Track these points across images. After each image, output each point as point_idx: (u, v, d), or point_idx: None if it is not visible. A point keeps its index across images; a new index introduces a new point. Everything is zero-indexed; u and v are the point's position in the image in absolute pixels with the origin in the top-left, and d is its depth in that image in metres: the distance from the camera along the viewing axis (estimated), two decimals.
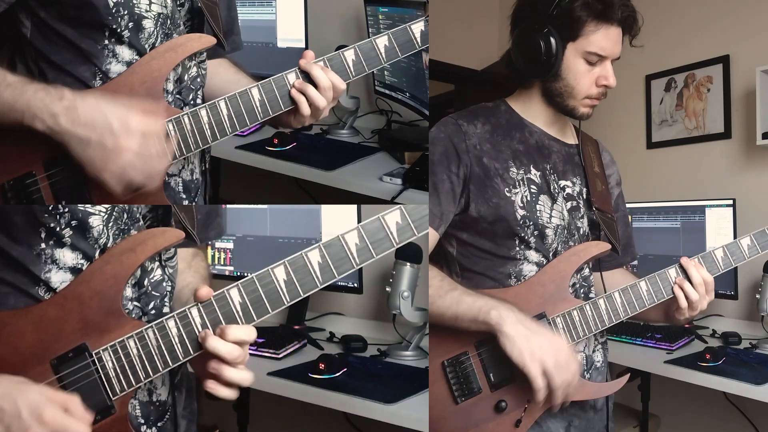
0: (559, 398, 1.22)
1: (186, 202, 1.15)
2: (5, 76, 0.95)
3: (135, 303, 0.99)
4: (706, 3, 2.93)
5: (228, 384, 0.95)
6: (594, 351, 1.40)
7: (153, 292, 1.02)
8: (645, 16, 1.35)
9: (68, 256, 0.94)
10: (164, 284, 1.04)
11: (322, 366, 1.90)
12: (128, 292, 0.98)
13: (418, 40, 1.23)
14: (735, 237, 2.45)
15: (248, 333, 0.95)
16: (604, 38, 1.31)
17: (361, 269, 2.26)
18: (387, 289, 2.07)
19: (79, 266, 0.95)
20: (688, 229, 2.66)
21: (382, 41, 1.20)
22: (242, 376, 0.95)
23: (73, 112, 0.93)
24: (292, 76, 1.14)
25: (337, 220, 2.33)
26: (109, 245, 0.97)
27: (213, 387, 0.94)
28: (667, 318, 1.40)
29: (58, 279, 0.94)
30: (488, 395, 1.28)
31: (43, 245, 0.93)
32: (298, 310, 2.42)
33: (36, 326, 0.90)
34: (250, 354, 2.18)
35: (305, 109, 1.14)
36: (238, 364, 0.95)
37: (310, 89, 1.13)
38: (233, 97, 1.09)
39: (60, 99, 0.94)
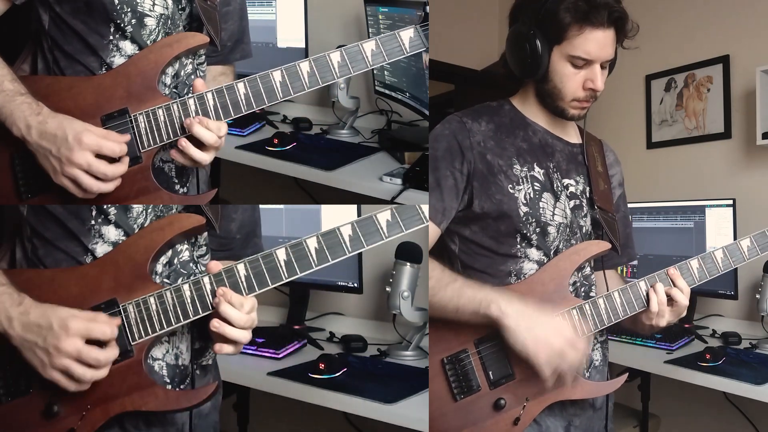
0: (568, 381, 1.25)
1: (178, 187, 1.23)
2: (3, 83, 1.07)
3: (165, 279, 1.14)
4: (706, 3, 2.93)
5: (229, 341, 1.08)
6: (593, 350, 1.40)
7: (181, 270, 1.17)
8: (645, 16, 1.34)
9: (112, 232, 1.12)
10: (191, 264, 1.18)
11: (322, 366, 1.90)
12: (160, 268, 1.14)
13: (407, 46, 1.24)
14: (735, 237, 2.45)
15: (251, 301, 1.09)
16: (588, 42, 1.29)
17: (361, 269, 2.26)
18: (387, 289, 2.07)
19: (120, 242, 1.12)
20: (688, 229, 2.66)
21: (369, 46, 1.22)
22: (241, 334, 1.08)
23: (44, 125, 1.05)
24: (278, 74, 1.18)
25: (337, 220, 2.32)
26: (145, 225, 1.14)
27: (218, 348, 1.08)
28: (633, 324, 1.37)
29: (102, 250, 1.11)
30: (487, 393, 1.29)
31: (93, 221, 1.11)
32: (298, 310, 2.42)
33: (78, 282, 1.09)
34: (251, 354, 2.19)
35: None
36: (243, 328, 1.08)
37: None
38: (219, 90, 1.17)
39: (37, 114, 1.06)
